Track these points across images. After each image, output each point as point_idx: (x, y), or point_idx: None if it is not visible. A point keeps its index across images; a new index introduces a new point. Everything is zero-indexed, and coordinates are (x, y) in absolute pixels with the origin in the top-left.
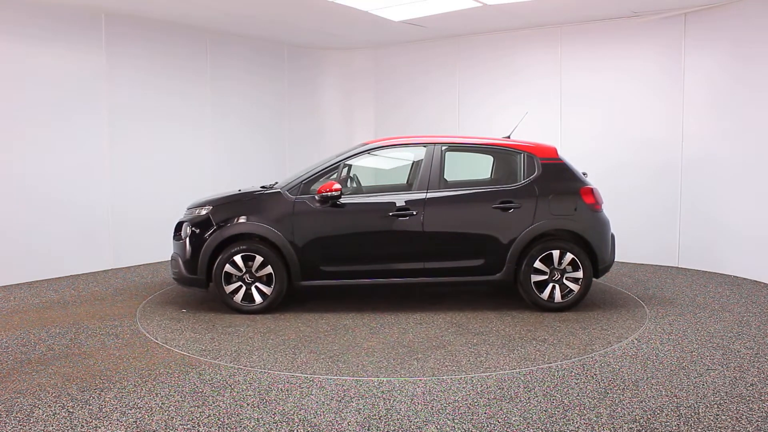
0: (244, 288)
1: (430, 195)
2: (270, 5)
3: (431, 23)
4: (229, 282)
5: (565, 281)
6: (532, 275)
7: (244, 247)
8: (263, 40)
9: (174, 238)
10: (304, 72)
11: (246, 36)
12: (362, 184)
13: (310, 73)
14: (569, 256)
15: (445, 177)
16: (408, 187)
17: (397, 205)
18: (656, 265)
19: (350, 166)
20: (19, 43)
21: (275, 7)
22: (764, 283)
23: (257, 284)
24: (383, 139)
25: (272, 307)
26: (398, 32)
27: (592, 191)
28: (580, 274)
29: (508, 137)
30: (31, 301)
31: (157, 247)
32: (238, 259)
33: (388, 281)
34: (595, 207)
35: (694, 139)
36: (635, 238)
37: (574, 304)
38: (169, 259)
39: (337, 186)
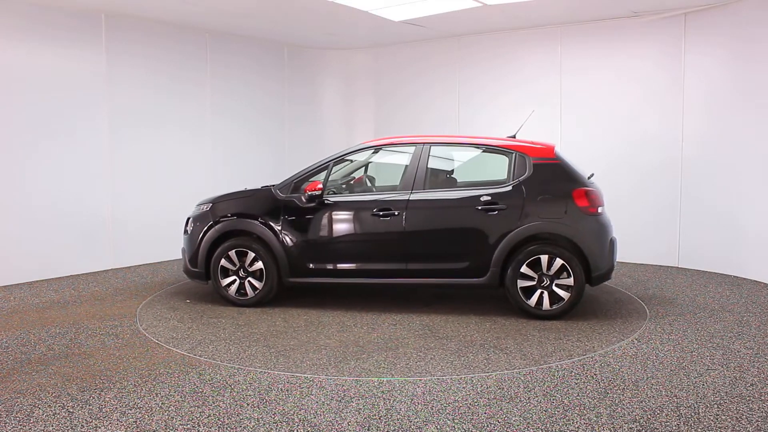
0: (238, 282)
1: (413, 195)
2: (270, 5)
3: (431, 23)
4: (225, 276)
5: (554, 288)
6: (518, 280)
7: (237, 242)
8: (263, 40)
9: (183, 233)
10: (304, 72)
11: (246, 36)
12: (376, 184)
13: (310, 73)
14: (559, 262)
15: (433, 177)
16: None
17: (380, 205)
18: (656, 265)
19: (367, 165)
20: (19, 43)
21: (275, 7)
22: (764, 283)
23: (250, 279)
24: (377, 139)
25: (263, 301)
26: (398, 32)
27: (586, 193)
28: (570, 281)
29: (514, 137)
30: (31, 301)
31: (157, 248)
32: (232, 254)
33: (372, 281)
34: (590, 210)
35: (694, 138)
36: (635, 238)
37: (563, 313)
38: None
39: (320, 186)
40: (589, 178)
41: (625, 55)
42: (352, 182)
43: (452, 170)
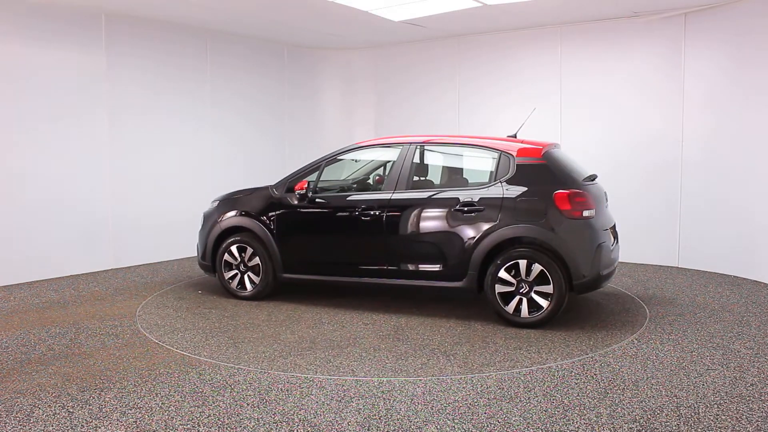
0: (239, 276)
1: (395, 196)
2: (270, 5)
3: (431, 23)
4: (229, 269)
5: (533, 295)
6: (497, 285)
7: (238, 238)
8: (263, 40)
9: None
10: (304, 72)
11: (246, 36)
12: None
13: (310, 73)
14: (538, 268)
15: (416, 178)
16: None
17: (363, 204)
18: (656, 265)
19: (384, 165)
20: (19, 43)
21: (275, 7)
22: (764, 283)
23: (249, 273)
24: (369, 140)
25: (260, 295)
26: (398, 32)
27: (568, 196)
28: (550, 288)
29: (515, 136)
30: (31, 301)
31: (157, 248)
32: (234, 249)
33: (355, 281)
34: (573, 214)
35: (693, 138)
36: (635, 238)
37: (542, 322)
38: None
39: (306, 185)
40: (588, 179)
41: (625, 55)
42: (370, 182)
43: (437, 170)
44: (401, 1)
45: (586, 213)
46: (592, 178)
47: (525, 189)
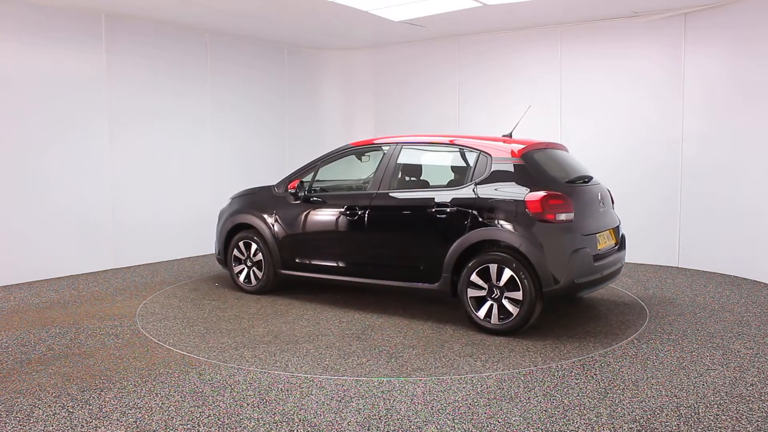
0: (245, 270)
1: (376, 196)
2: (270, 5)
3: (431, 23)
4: (238, 264)
5: (504, 302)
6: (469, 289)
7: (244, 234)
8: (263, 40)
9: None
10: (304, 72)
11: (246, 36)
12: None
13: (310, 72)
14: (508, 273)
15: (399, 178)
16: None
17: (349, 204)
18: (656, 265)
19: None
20: (19, 43)
21: (275, 7)
22: (764, 283)
23: (254, 269)
24: (364, 140)
25: (263, 290)
26: (398, 32)
27: (541, 199)
28: (519, 294)
29: (510, 135)
30: (31, 301)
31: (157, 247)
32: (241, 245)
33: (341, 279)
34: (546, 217)
35: (694, 138)
36: (635, 238)
37: (512, 330)
38: None
39: (297, 184)
40: (577, 181)
41: (625, 54)
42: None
43: (419, 171)
44: (401, 1)
45: (562, 216)
46: (585, 179)
47: (499, 190)
